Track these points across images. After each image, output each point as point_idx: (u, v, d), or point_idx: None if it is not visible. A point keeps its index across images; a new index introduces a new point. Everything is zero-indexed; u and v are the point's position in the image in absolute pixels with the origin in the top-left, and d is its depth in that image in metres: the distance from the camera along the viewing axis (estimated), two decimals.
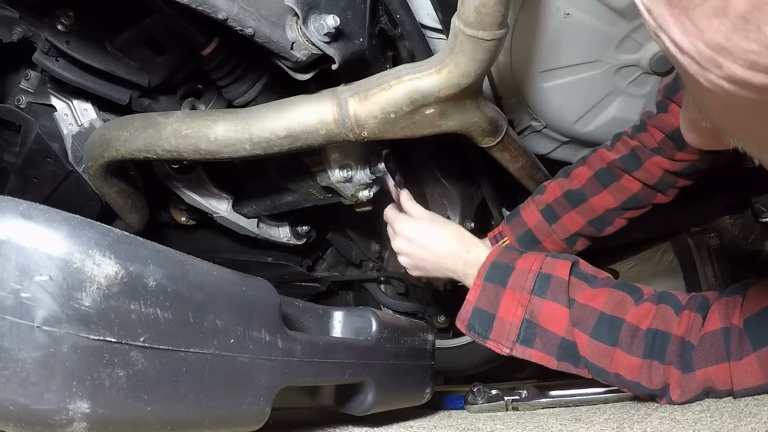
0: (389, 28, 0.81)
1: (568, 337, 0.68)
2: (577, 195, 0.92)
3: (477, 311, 0.73)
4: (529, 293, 0.70)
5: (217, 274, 0.44)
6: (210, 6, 0.56)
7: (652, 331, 0.65)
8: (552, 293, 0.69)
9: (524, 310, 0.70)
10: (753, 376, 0.60)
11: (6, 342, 0.32)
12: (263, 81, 0.76)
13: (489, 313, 0.71)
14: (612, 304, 0.68)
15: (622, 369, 0.66)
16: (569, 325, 0.68)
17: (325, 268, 1.40)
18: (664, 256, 2.76)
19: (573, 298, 0.69)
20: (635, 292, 0.70)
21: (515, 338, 0.70)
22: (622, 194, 0.91)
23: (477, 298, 0.73)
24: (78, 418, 0.33)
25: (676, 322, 0.65)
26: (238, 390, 0.44)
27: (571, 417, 0.70)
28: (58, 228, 0.34)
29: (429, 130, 0.76)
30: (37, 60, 0.77)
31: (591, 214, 0.92)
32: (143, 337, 0.37)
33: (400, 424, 0.74)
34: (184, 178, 0.92)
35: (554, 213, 0.94)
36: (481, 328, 0.72)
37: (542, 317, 0.69)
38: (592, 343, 0.67)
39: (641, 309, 0.67)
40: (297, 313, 0.63)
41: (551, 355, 0.69)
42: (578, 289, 0.70)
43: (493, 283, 0.72)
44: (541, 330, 0.69)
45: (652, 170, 0.88)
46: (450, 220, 1.12)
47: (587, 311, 0.68)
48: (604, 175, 0.91)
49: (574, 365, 0.69)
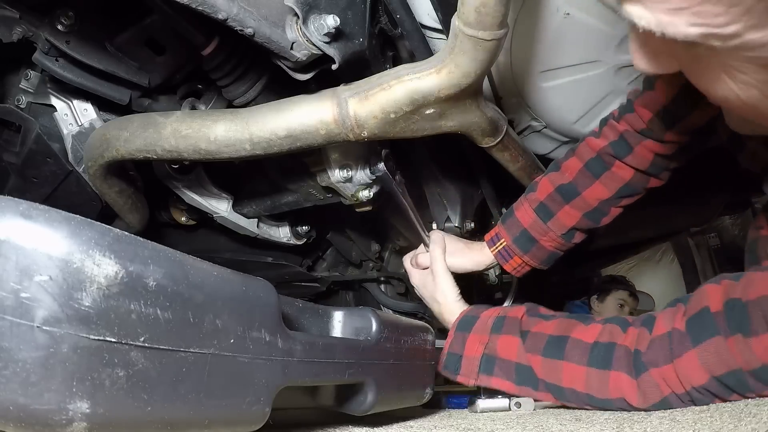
0: (389, 28, 0.81)
1: (522, 361, 0.77)
2: (570, 189, 0.92)
3: (450, 355, 0.85)
4: (488, 333, 0.81)
5: (217, 274, 0.44)
6: (210, 6, 0.56)
7: (597, 343, 0.72)
8: (506, 329, 0.80)
9: (483, 347, 0.81)
10: (696, 373, 0.62)
11: (6, 342, 0.31)
12: (263, 81, 0.76)
13: (458, 354, 0.84)
14: (561, 328, 0.76)
15: (571, 382, 0.72)
16: (522, 351, 0.77)
17: (325, 268, 1.40)
18: (664, 256, 2.77)
19: (526, 329, 0.79)
20: (586, 319, 0.77)
21: (477, 370, 0.81)
22: (616, 183, 0.90)
23: (450, 346, 0.85)
24: (78, 418, 0.33)
25: (621, 335, 0.71)
26: (238, 390, 0.44)
27: (571, 417, 0.70)
28: (58, 228, 0.34)
29: (429, 130, 0.76)
30: (37, 60, 0.77)
31: (585, 207, 0.92)
32: (143, 337, 0.37)
33: (400, 424, 0.74)
34: (184, 178, 0.92)
35: (548, 210, 0.94)
36: (453, 368, 0.84)
37: (499, 349, 0.80)
38: (544, 362, 0.75)
39: (588, 328, 0.74)
40: (297, 313, 0.63)
41: (510, 381, 0.79)
42: (532, 323, 0.80)
43: (461, 332, 0.85)
44: (499, 360, 0.79)
45: (643, 154, 0.87)
46: (449, 221, 1.13)
47: (539, 337, 0.77)
48: (595, 165, 0.90)
49: (534, 389, 0.77)
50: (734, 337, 0.59)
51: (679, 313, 0.66)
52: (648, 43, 0.39)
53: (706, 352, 0.61)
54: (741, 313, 0.59)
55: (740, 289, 0.61)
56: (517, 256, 0.97)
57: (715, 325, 0.61)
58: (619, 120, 0.87)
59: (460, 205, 1.14)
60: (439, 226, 1.14)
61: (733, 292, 0.61)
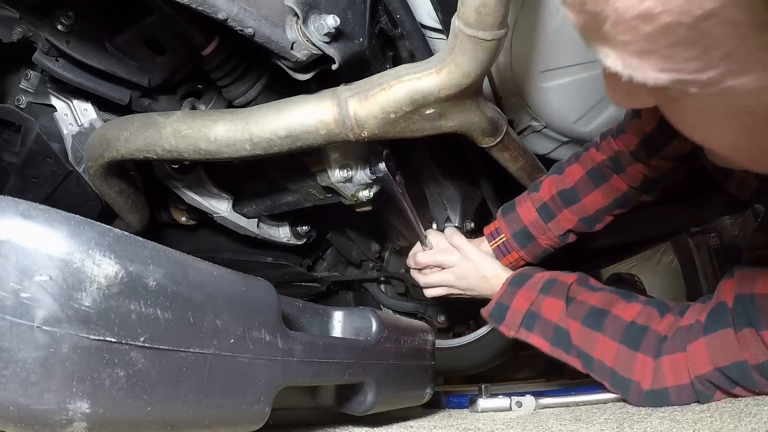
0: (389, 28, 0.81)
1: (561, 324, 0.80)
2: (571, 194, 0.94)
3: (498, 305, 0.89)
4: (536, 292, 0.85)
5: (217, 274, 0.44)
6: (210, 6, 0.56)
7: (633, 323, 0.74)
8: (554, 291, 0.83)
9: (529, 304, 0.84)
10: (701, 361, 0.65)
11: (6, 342, 0.32)
12: (263, 81, 0.76)
13: (505, 305, 0.88)
14: (604, 301, 0.79)
15: (602, 354, 0.75)
16: (563, 315, 0.80)
17: (325, 268, 1.40)
18: (664, 256, 2.76)
19: (573, 296, 0.82)
20: (629, 296, 0.80)
21: (519, 323, 0.84)
22: (612, 193, 0.93)
23: (500, 296, 0.89)
24: (78, 418, 0.33)
25: (657, 320, 0.74)
26: (238, 390, 0.44)
27: (571, 417, 0.70)
28: (58, 228, 0.34)
29: (429, 130, 0.76)
30: (37, 60, 0.77)
31: (583, 213, 0.94)
32: (143, 337, 0.37)
33: (400, 424, 0.74)
34: (184, 178, 0.92)
35: (550, 211, 0.96)
36: (498, 316, 0.88)
37: (543, 309, 0.83)
38: (582, 330, 0.78)
39: (629, 307, 0.77)
40: (297, 313, 0.63)
41: (547, 340, 0.82)
42: (579, 291, 0.83)
43: (513, 286, 0.89)
44: (541, 319, 0.83)
45: (634, 174, 0.90)
46: (449, 221, 1.13)
47: (582, 305, 0.80)
48: (595, 175, 0.93)
49: (567, 352, 0.80)
50: (744, 331, 0.61)
51: (706, 308, 0.69)
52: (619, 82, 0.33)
53: (714, 341, 0.64)
54: (750, 308, 0.61)
55: (749, 284, 0.63)
56: (514, 251, 0.99)
57: (728, 319, 0.64)
58: (616, 138, 0.90)
59: (460, 205, 1.14)
60: (439, 226, 1.14)
61: (743, 286, 0.63)
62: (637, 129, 0.86)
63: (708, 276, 2.47)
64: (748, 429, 0.49)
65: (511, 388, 1.31)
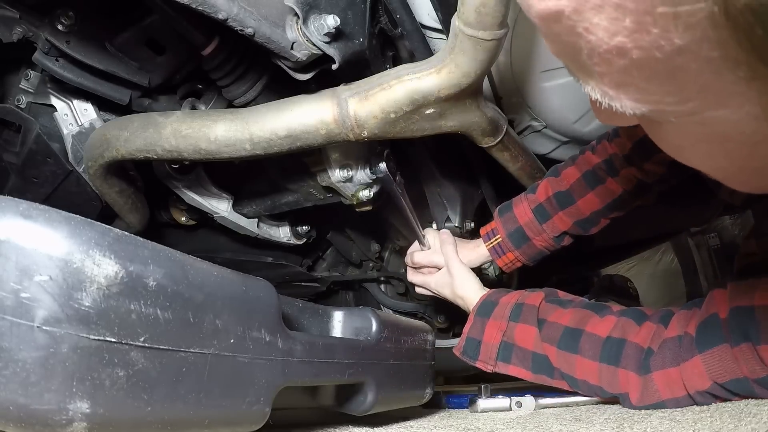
0: (389, 28, 0.81)
1: (538, 350, 0.79)
2: (566, 196, 0.94)
3: (469, 340, 0.87)
4: (506, 320, 0.83)
5: (217, 274, 0.44)
6: (210, 6, 0.56)
7: (610, 339, 0.73)
8: (523, 317, 0.81)
9: (502, 334, 0.82)
10: (700, 378, 0.63)
11: (6, 342, 0.32)
12: (263, 81, 0.76)
13: (477, 340, 0.86)
14: (576, 320, 0.77)
15: (585, 375, 0.74)
16: (538, 341, 0.79)
17: (325, 268, 1.40)
18: (664, 256, 2.76)
19: (543, 318, 0.80)
20: (602, 309, 0.78)
21: (496, 357, 0.83)
22: (607, 196, 0.93)
23: (469, 330, 0.87)
24: (78, 418, 0.33)
25: (635, 331, 0.72)
26: (238, 390, 0.44)
27: (571, 417, 0.70)
28: (58, 228, 0.34)
29: (429, 130, 0.76)
30: (37, 60, 0.77)
31: (578, 215, 0.94)
32: (143, 337, 0.37)
33: (400, 424, 0.74)
34: (184, 178, 0.92)
35: (545, 212, 0.96)
36: (471, 353, 0.86)
37: (516, 337, 0.81)
38: (559, 353, 0.77)
39: (603, 321, 0.75)
40: (297, 313, 0.63)
41: (527, 369, 0.80)
42: (549, 310, 0.81)
43: (481, 317, 0.87)
44: (516, 348, 0.81)
45: (628, 178, 0.90)
46: (449, 221, 1.13)
47: (555, 328, 0.78)
48: (591, 178, 0.93)
49: (550, 377, 0.79)
50: (741, 346, 0.60)
51: (694, 317, 0.67)
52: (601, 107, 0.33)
53: (711, 359, 0.62)
54: (748, 321, 0.59)
55: (747, 296, 0.61)
56: (510, 251, 1.00)
57: (722, 333, 0.62)
58: (611, 141, 0.90)
59: (460, 205, 1.14)
60: (439, 226, 1.14)
61: (740, 299, 0.61)
62: (630, 132, 0.86)
63: (708, 276, 2.47)
64: (748, 429, 0.49)
65: (511, 388, 1.31)
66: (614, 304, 0.80)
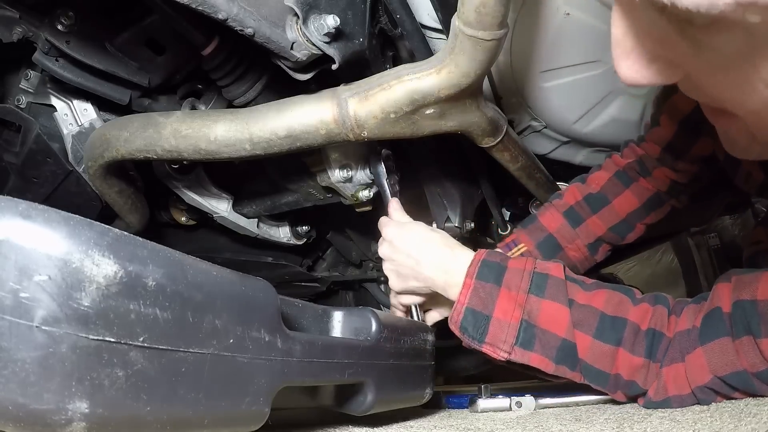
0: (389, 28, 0.81)
1: (568, 338, 0.64)
2: (599, 198, 0.89)
3: (470, 312, 0.67)
4: (526, 293, 0.65)
5: (217, 274, 0.44)
6: (210, 6, 0.56)
7: (651, 330, 0.65)
8: (550, 292, 0.66)
9: (522, 311, 0.65)
10: (701, 371, 0.61)
11: (5, 342, 0.31)
12: (263, 81, 0.76)
13: (483, 314, 0.66)
14: (613, 305, 0.66)
15: (622, 369, 0.65)
16: (570, 326, 0.64)
17: (325, 268, 1.40)
18: (664, 256, 2.76)
19: (572, 298, 0.66)
20: (630, 293, 0.69)
21: (514, 341, 0.65)
22: (644, 194, 0.88)
23: (469, 298, 0.67)
24: (77, 418, 0.33)
25: (666, 322, 0.66)
26: (238, 390, 0.44)
27: (571, 417, 0.70)
28: (57, 228, 0.34)
29: (429, 130, 0.76)
30: (37, 60, 0.77)
31: (614, 218, 0.89)
32: (142, 337, 0.36)
33: (400, 424, 0.74)
34: (184, 178, 0.93)
35: (578, 216, 0.89)
36: (475, 331, 0.67)
37: (541, 318, 0.65)
38: (594, 344, 0.65)
39: (640, 309, 0.66)
40: (297, 313, 0.63)
41: (550, 359, 0.66)
42: (574, 290, 0.67)
43: (486, 282, 0.67)
44: (540, 332, 0.65)
45: (662, 178, 0.88)
46: (449, 221, 1.12)
47: (588, 312, 0.65)
48: (623, 176, 0.90)
49: (571, 368, 0.66)
50: (742, 339, 0.59)
51: (701, 311, 0.64)
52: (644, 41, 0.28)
53: (712, 351, 0.61)
54: (750, 314, 0.59)
55: (750, 289, 0.60)
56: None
57: (725, 326, 0.61)
58: (639, 145, 0.88)
59: (460, 205, 1.14)
60: (439, 226, 1.14)
61: (743, 292, 0.61)
62: (657, 137, 0.84)
63: (708, 276, 2.46)
64: (748, 429, 0.49)
65: (511, 388, 1.31)
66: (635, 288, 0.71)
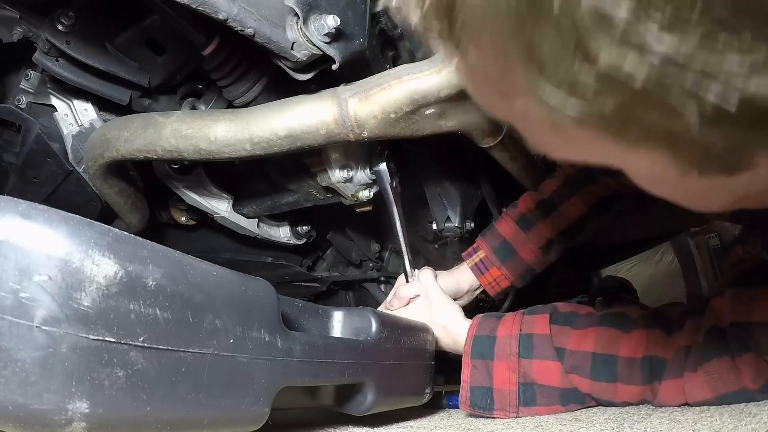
0: (389, 28, 0.81)
1: (565, 386, 0.72)
2: (548, 204, 0.94)
3: (475, 389, 0.76)
4: (517, 357, 0.73)
5: (217, 274, 0.44)
6: (210, 6, 0.56)
7: (647, 359, 0.68)
8: (538, 351, 0.73)
9: (517, 375, 0.73)
10: (700, 390, 0.63)
11: (5, 342, 0.32)
12: (263, 81, 0.76)
13: (485, 387, 0.75)
14: (602, 343, 0.71)
15: (626, 398, 0.70)
16: (564, 375, 0.72)
17: (325, 268, 1.39)
18: (664, 256, 2.76)
19: (561, 347, 0.72)
20: (622, 321, 0.72)
21: (517, 402, 0.73)
22: (590, 199, 0.93)
23: (470, 377, 0.77)
24: (77, 418, 0.33)
25: (663, 344, 0.68)
26: (238, 390, 0.44)
27: (571, 417, 0.70)
28: (57, 228, 0.34)
29: (429, 130, 0.76)
30: (37, 60, 0.77)
31: (563, 222, 0.93)
32: (142, 337, 0.37)
33: (400, 424, 0.74)
34: (184, 178, 0.92)
35: (528, 221, 0.95)
36: (483, 404, 0.75)
37: (535, 375, 0.72)
38: (593, 384, 0.71)
39: (632, 337, 0.70)
40: (297, 313, 0.63)
41: (556, 404, 0.73)
42: (564, 336, 0.73)
43: (481, 359, 0.76)
44: (539, 387, 0.73)
45: (606, 185, 0.91)
46: (449, 221, 1.12)
47: (580, 356, 0.71)
48: (572, 183, 0.93)
49: (582, 403, 0.73)
50: (743, 356, 0.60)
51: (702, 327, 0.66)
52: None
53: (712, 371, 0.62)
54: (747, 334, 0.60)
55: (747, 309, 0.61)
56: (494, 267, 0.95)
57: (724, 343, 0.62)
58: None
59: (460, 205, 1.14)
60: (439, 226, 1.14)
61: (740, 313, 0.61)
62: None
63: (708, 276, 2.46)
64: (748, 429, 0.49)
65: None
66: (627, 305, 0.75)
